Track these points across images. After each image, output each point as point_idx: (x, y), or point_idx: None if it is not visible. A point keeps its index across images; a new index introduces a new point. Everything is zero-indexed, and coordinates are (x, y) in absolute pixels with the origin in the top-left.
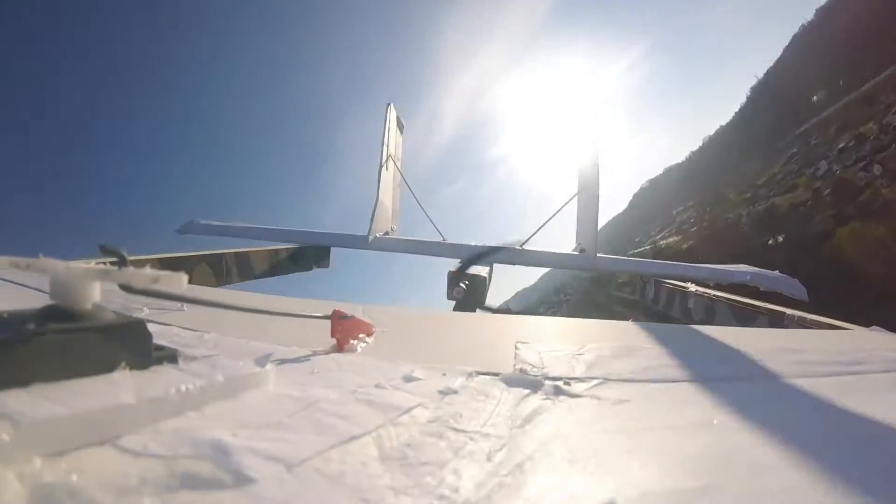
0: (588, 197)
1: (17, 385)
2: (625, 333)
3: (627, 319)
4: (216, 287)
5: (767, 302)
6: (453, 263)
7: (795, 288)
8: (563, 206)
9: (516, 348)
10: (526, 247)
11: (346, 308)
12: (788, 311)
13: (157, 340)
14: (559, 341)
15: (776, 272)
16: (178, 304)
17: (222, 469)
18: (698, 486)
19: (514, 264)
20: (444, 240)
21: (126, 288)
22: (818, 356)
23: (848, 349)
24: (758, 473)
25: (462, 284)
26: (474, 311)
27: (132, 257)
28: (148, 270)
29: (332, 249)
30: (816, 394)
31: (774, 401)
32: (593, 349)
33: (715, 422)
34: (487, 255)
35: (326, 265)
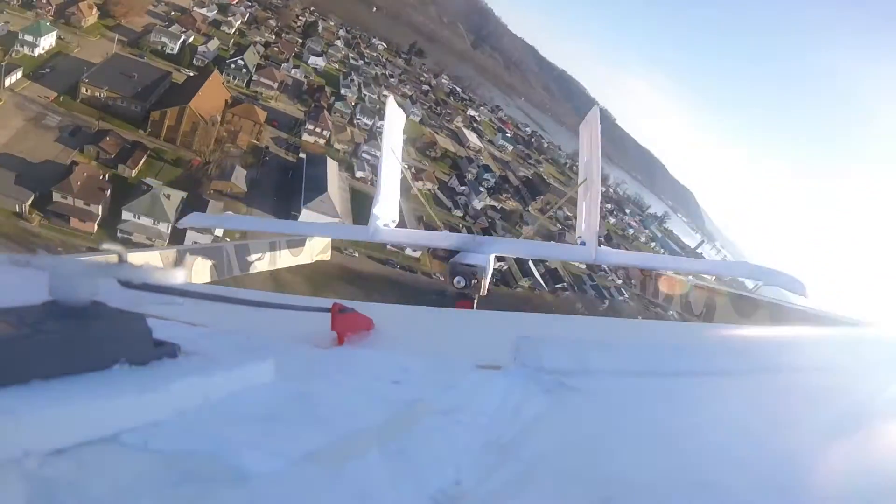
0: (589, 190)
1: (17, 382)
2: (624, 331)
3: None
4: (217, 280)
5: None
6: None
7: (795, 284)
8: (564, 199)
9: (517, 343)
10: (526, 239)
11: (347, 304)
12: (788, 304)
13: (156, 335)
14: (560, 338)
15: (776, 268)
16: (178, 299)
17: (222, 464)
18: (696, 480)
19: (514, 256)
20: (444, 231)
21: (125, 283)
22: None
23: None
24: (749, 467)
25: (462, 275)
26: (474, 299)
27: (131, 251)
28: (147, 265)
29: (333, 241)
30: (803, 392)
31: (764, 399)
32: (593, 346)
33: (708, 418)
34: (488, 245)
35: (328, 257)
